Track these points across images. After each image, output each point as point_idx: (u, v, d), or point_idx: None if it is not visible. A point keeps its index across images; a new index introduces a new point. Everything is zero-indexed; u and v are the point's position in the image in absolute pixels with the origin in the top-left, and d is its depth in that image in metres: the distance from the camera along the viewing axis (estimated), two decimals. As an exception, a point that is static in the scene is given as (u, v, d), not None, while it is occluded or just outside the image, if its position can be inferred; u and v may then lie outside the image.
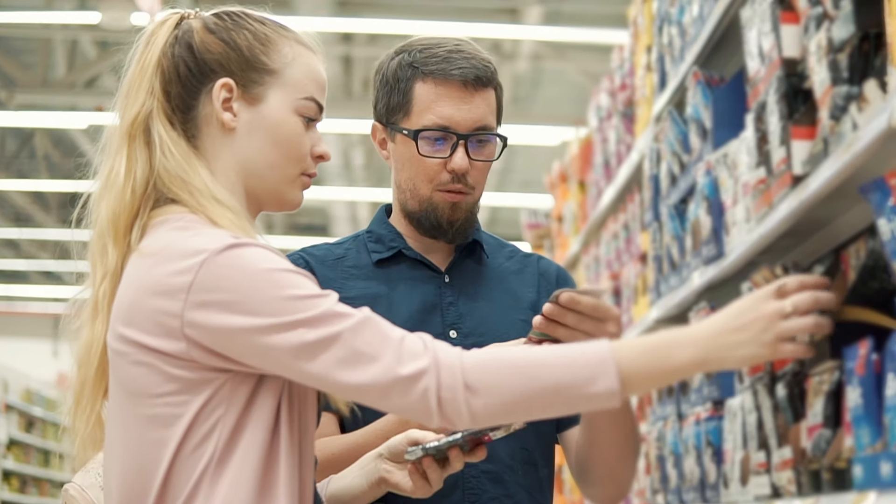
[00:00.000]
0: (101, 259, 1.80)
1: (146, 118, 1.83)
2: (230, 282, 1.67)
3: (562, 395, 1.65)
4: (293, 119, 1.85)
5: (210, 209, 1.77)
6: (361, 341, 1.65)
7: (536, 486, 2.21)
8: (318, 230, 15.72)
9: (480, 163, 2.20)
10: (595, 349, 1.67)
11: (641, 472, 4.16)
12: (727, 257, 3.03)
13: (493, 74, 2.21)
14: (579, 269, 6.36)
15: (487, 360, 1.66)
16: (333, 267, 2.24)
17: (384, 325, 1.69)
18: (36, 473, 15.05)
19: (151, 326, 1.70)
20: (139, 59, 1.86)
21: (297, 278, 1.69)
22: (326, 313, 1.66)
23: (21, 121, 12.48)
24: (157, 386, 1.70)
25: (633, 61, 4.86)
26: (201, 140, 1.84)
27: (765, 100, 2.60)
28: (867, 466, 1.98)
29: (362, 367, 1.65)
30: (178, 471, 1.70)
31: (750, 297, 1.70)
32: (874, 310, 2.18)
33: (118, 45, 1.89)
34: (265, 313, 1.66)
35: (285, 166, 1.85)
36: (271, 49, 1.86)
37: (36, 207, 15.92)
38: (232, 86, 1.83)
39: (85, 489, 2.34)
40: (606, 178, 5.46)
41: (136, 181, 1.80)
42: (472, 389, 1.64)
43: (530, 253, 2.37)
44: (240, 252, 1.68)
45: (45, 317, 20.74)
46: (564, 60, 11.25)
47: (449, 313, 2.21)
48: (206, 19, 1.88)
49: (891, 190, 1.94)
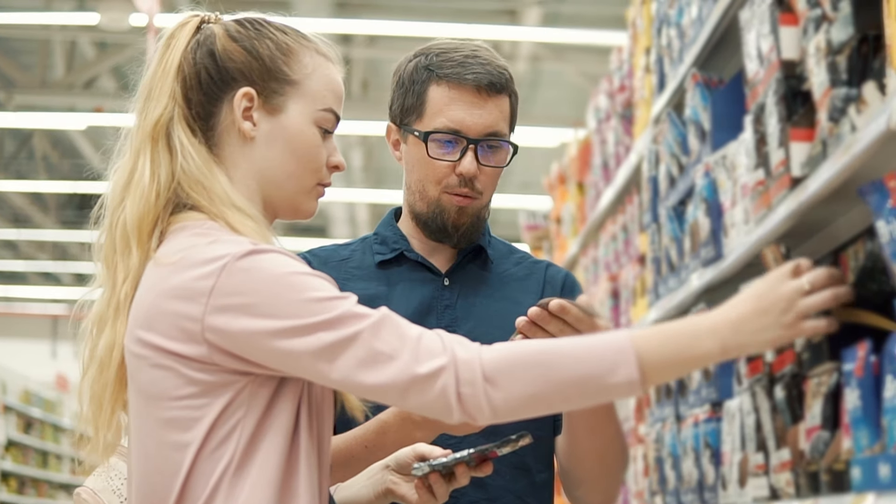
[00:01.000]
0: (123, 260, 1.79)
1: (167, 122, 1.83)
2: (250, 286, 1.67)
3: (582, 386, 1.65)
4: (311, 130, 1.86)
5: (230, 216, 1.78)
6: (379, 341, 1.66)
7: (528, 491, 2.20)
8: (316, 231, 15.72)
9: (490, 168, 2.21)
10: (614, 339, 1.67)
11: (640, 474, 4.16)
12: (726, 259, 3.03)
13: (508, 82, 2.22)
14: (578, 270, 6.36)
15: (506, 355, 1.66)
16: (337, 268, 2.25)
17: (402, 323, 1.70)
18: (34, 475, 15.05)
19: (172, 330, 1.70)
20: (160, 60, 1.86)
21: (317, 281, 1.70)
22: (345, 314, 1.67)
23: (20, 122, 12.48)
24: (176, 389, 1.71)
25: (631, 63, 4.86)
26: (221, 148, 1.84)
27: (763, 101, 2.60)
28: (865, 468, 1.98)
29: (381, 367, 1.65)
30: (197, 474, 1.70)
31: (766, 279, 1.70)
32: (873, 312, 2.18)
33: (117, 46, 1.88)
34: (285, 316, 1.67)
35: (302, 176, 1.86)
36: (292, 59, 1.87)
37: (34, 208, 15.92)
38: (253, 95, 1.84)
39: (97, 493, 2.34)
40: (605, 179, 5.46)
41: (160, 184, 1.80)
42: (492, 383, 1.64)
43: (540, 260, 2.37)
44: (260, 257, 1.69)
45: (43, 318, 20.75)
46: (563, 62, 11.26)
47: (445, 315, 2.21)
48: (228, 26, 1.88)
49: (889, 192, 1.94)
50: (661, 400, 3.78)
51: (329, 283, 1.72)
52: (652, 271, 4.04)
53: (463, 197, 2.20)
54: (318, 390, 1.78)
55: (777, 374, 2.56)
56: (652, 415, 3.93)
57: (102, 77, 12.01)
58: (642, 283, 4.40)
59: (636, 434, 4.36)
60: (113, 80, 12.18)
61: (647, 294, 4.21)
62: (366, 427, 2.07)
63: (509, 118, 2.23)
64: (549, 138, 11.65)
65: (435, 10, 10.74)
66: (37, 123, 12.83)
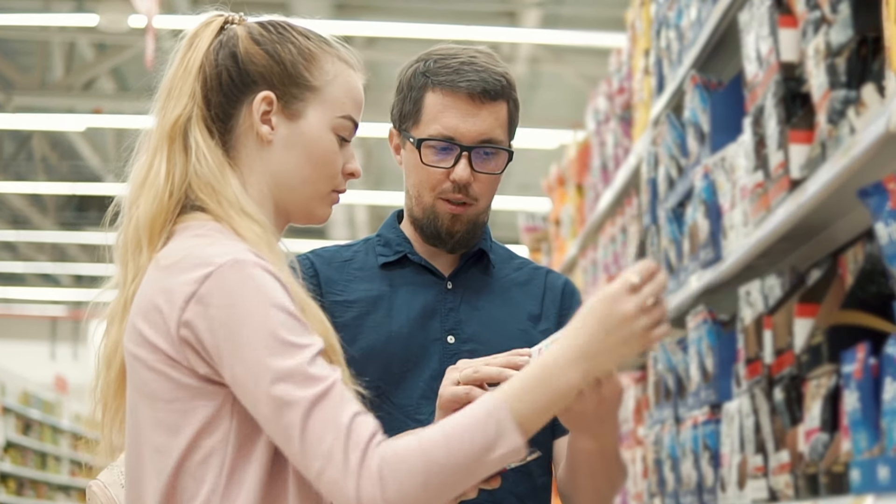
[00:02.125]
0: (134, 259, 1.80)
1: (186, 122, 1.82)
2: (228, 300, 1.67)
3: (471, 467, 1.66)
4: (329, 137, 1.86)
5: (236, 220, 1.78)
6: (311, 419, 1.64)
7: (530, 494, 2.22)
8: (315, 233, 15.71)
9: (485, 175, 2.21)
10: (490, 410, 1.67)
11: (639, 476, 4.16)
12: (725, 261, 3.03)
13: (505, 88, 2.21)
14: (577, 272, 6.37)
15: (401, 454, 1.65)
16: (340, 269, 2.26)
17: (342, 404, 1.67)
18: (33, 476, 15.04)
19: (160, 330, 1.70)
20: (182, 59, 1.86)
21: (290, 321, 1.68)
22: (296, 371, 1.65)
23: (19, 123, 12.47)
24: (165, 392, 1.70)
25: (630, 65, 4.86)
26: (237, 151, 1.84)
27: (763, 104, 2.60)
28: (864, 470, 1.98)
29: (299, 443, 1.64)
30: (184, 480, 1.70)
31: (605, 299, 1.72)
32: (872, 314, 2.18)
33: (116, 48, 1.88)
34: (245, 343, 1.66)
35: (318, 182, 1.86)
36: (314, 65, 1.87)
37: (33, 210, 15.91)
38: (272, 99, 1.84)
39: (107, 486, 2.36)
40: (604, 181, 5.46)
41: (174, 184, 1.80)
42: (386, 485, 1.63)
43: (540, 266, 2.37)
44: (247, 272, 1.68)
45: (42, 319, 20.76)
46: (562, 64, 11.26)
47: (448, 319, 2.22)
48: (252, 28, 1.88)
49: (889, 194, 1.94)
50: (661, 402, 3.78)
51: (301, 325, 1.69)
52: (651, 273, 4.04)
53: (457, 204, 2.21)
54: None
55: (776, 376, 2.56)
56: (651, 417, 3.93)
57: (101, 78, 12.01)
58: (641, 285, 4.39)
59: (635, 436, 4.36)
60: (112, 82, 12.18)
61: (646, 296, 4.20)
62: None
63: (507, 124, 2.22)
64: (549, 140, 11.65)
65: (434, 12, 10.73)
66: (36, 125, 12.82)
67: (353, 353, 2.16)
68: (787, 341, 2.51)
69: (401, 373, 2.18)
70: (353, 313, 2.20)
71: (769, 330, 2.63)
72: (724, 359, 3.07)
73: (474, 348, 2.16)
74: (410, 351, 2.19)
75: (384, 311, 2.21)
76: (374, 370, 2.14)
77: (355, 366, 2.15)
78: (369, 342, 2.18)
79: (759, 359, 2.69)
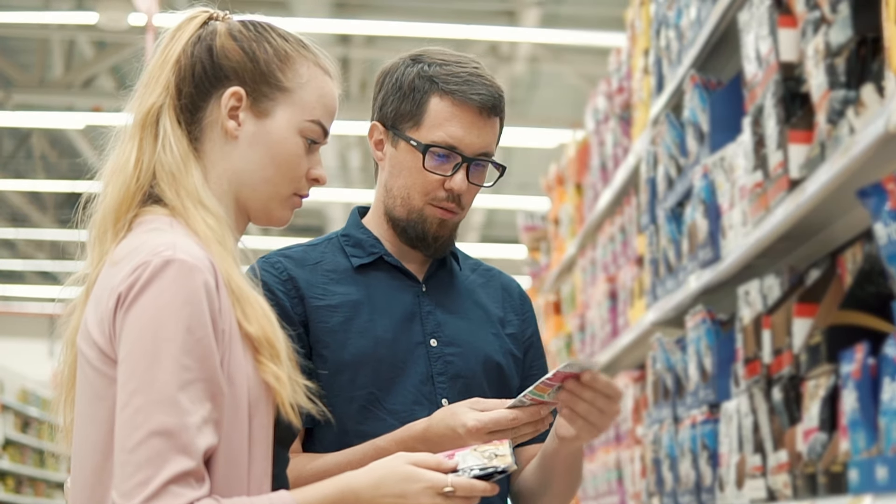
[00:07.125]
0: (100, 243, 1.81)
1: (158, 111, 1.84)
2: (152, 302, 1.67)
3: None
4: (295, 139, 1.86)
5: (191, 212, 1.78)
6: (166, 469, 1.61)
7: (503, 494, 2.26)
8: (314, 232, 15.71)
9: (475, 186, 2.24)
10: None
11: (637, 475, 4.17)
12: (724, 261, 3.03)
13: (503, 104, 2.26)
14: (575, 271, 6.37)
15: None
16: (312, 271, 2.24)
17: (178, 465, 1.63)
18: (32, 474, 15.05)
19: (100, 325, 1.71)
20: (162, 51, 1.88)
21: (198, 348, 1.66)
22: (170, 401, 1.63)
23: (18, 121, 12.48)
24: (101, 388, 1.71)
25: (630, 64, 4.87)
26: (202, 143, 1.85)
27: (762, 103, 2.60)
28: (863, 470, 1.98)
29: (127, 454, 1.63)
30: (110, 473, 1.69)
31: (417, 474, 1.76)
32: (870, 314, 2.19)
33: (115, 46, 1.89)
34: (141, 352, 1.65)
35: (279, 184, 1.86)
36: (288, 67, 1.87)
37: (32, 207, 15.92)
38: (242, 95, 1.85)
39: None
40: (603, 181, 5.46)
41: (141, 171, 1.81)
42: None
43: (491, 267, 2.42)
44: (181, 281, 1.67)
45: (41, 317, 20.71)
46: (562, 63, 11.26)
47: (428, 322, 2.23)
48: (232, 25, 1.89)
49: (888, 194, 1.94)
50: (659, 401, 3.78)
51: (209, 356, 1.68)
52: (650, 273, 4.05)
53: (447, 211, 2.22)
54: (254, 393, 1.75)
55: (775, 375, 2.56)
56: (650, 416, 3.93)
57: (101, 76, 12.01)
58: (640, 285, 4.40)
59: (633, 435, 4.37)
60: (111, 80, 12.18)
61: (644, 295, 4.21)
62: (362, 451, 2.09)
63: (498, 139, 2.27)
64: (548, 139, 11.66)
65: (434, 11, 10.74)
66: (35, 122, 12.81)
67: (344, 359, 2.16)
68: (786, 341, 2.51)
69: (390, 378, 2.18)
70: (339, 318, 2.19)
71: (768, 330, 2.64)
72: (723, 358, 3.07)
73: (455, 351, 2.21)
74: (397, 356, 2.19)
75: (366, 315, 2.20)
76: (366, 375, 2.16)
77: (348, 372, 2.16)
78: (358, 347, 2.18)
79: (758, 358, 2.69)
